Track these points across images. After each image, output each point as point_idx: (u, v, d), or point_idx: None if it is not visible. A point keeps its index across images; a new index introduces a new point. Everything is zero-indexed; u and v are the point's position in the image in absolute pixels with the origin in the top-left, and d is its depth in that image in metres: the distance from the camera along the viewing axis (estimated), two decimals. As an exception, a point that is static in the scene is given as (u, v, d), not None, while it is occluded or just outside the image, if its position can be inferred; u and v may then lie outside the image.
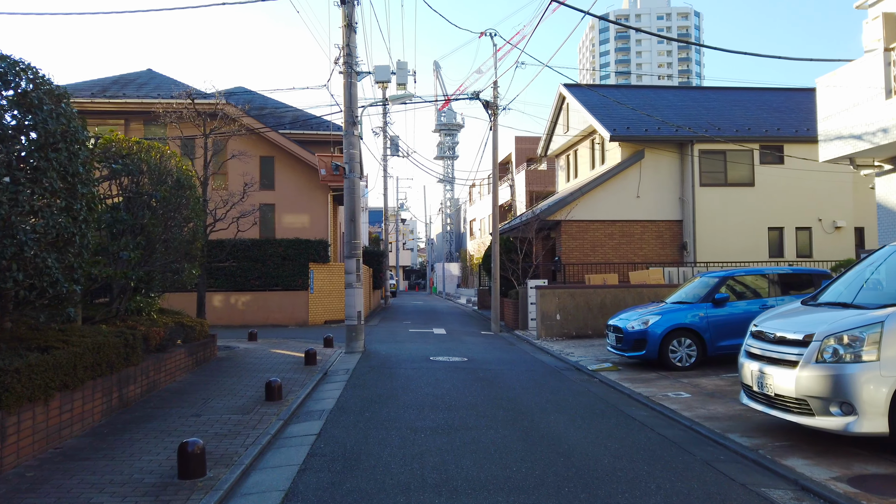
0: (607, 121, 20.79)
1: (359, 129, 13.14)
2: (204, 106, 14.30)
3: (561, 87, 24.57)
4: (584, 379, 10.17)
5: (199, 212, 10.04)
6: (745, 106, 23.38)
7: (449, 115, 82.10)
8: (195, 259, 10.21)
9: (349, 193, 13.09)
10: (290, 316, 19.78)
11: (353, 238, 13.07)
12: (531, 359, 12.51)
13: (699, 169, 20.25)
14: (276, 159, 21.47)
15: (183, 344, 10.38)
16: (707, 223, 20.11)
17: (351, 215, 13.06)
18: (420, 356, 12.34)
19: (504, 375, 10.20)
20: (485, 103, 17.64)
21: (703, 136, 20.10)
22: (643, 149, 20.40)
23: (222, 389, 8.71)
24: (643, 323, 10.58)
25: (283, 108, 25.60)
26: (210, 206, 13.26)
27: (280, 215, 21.43)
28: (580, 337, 15.89)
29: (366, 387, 9.00)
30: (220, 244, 19.02)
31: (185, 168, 9.70)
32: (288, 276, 19.74)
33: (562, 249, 20.29)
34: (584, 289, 16.25)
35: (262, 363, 11.25)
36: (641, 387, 9.19)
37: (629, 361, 11.35)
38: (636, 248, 20.49)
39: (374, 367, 10.79)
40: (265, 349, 13.18)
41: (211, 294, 19.40)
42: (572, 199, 20.06)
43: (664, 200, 20.59)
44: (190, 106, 13.52)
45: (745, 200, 20.41)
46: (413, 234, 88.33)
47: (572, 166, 25.40)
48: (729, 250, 20.07)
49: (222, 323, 19.43)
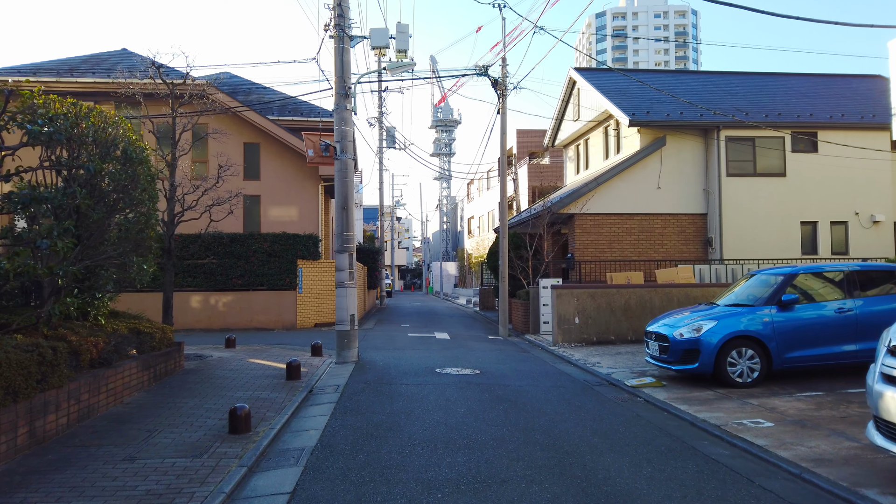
0: (625, 105, 19.02)
1: (352, 103, 11.29)
2: (181, 87, 12.46)
3: (571, 70, 22.77)
4: (625, 398, 8.36)
5: (152, 194, 8.17)
6: (770, 91, 21.64)
7: (446, 111, 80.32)
8: (148, 252, 8.34)
9: (341, 177, 11.25)
10: (277, 318, 17.90)
11: (345, 229, 11.23)
12: (553, 370, 10.69)
13: (726, 157, 18.49)
14: (261, 146, 19.58)
15: (137, 355, 8.53)
16: (734, 217, 18.35)
17: (343, 203, 11.22)
18: (423, 367, 10.51)
19: (528, 393, 8.38)
20: (493, 81, 15.81)
21: (729, 121, 18.34)
22: (664, 135, 18.63)
23: (178, 415, 6.85)
24: (695, 330, 8.77)
25: (272, 93, 23.71)
26: (179, 192, 11.39)
27: (266, 207, 19.54)
28: (602, 343, 14.10)
29: (359, 411, 7.16)
30: (198, 238, 17.16)
31: (135, 138, 7.83)
32: (274, 274, 17.86)
33: (575, 245, 18.49)
34: (606, 288, 14.45)
35: (235, 377, 9.39)
36: (703, 411, 7.38)
37: (673, 375, 9.54)
38: (656, 243, 18.71)
39: (370, 383, 8.94)
40: (243, 358, 11.32)
41: (188, 294, 17.54)
42: (587, 189, 18.26)
43: (687, 192, 18.82)
44: (162, 86, 11.66)
45: (775, 192, 18.66)
46: (409, 233, 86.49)
47: (582, 157, 23.61)
48: (758, 247, 18.32)
49: (201, 326, 17.55)
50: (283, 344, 14.00)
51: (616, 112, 18.89)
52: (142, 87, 12.97)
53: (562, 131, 24.70)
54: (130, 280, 8.02)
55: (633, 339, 14.19)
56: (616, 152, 20.51)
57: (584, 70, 23.24)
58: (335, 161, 11.25)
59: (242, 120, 19.23)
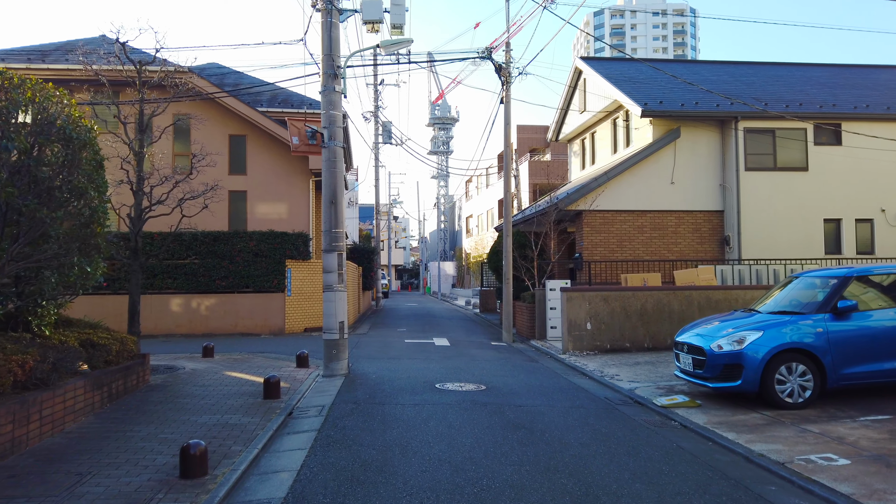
0: (636, 94, 17.81)
1: (341, 85, 10.07)
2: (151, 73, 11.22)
3: (577, 59, 21.56)
4: (658, 422, 7.15)
5: (100, 183, 6.93)
6: (787, 81, 20.47)
7: (443, 109, 79.13)
8: (95, 252, 7.09)
9: (329, 167, 10.02)
10: (263, 323, 16.66)
11: (333, 226, 10.01)
12: (567, 385, 9.48)
13: (744, 150, 17.29)
14: (248, 139, 18.34)
15: (89, 371, 7.31)
16: (753, 214, 17.15)
17: (331, 196, 9.99)
18: (422, 382, 9.29)
19: (544, 416, 7.17)
20: (497, 66, 14.58)
21: (748, 111, 17.15)
22: (678, 127, 17.43)
23: (123, 449, 5.64)
24: (736, 342, 7.57)
25: (260, 84, 22.45)
26: (147, 185, 10.15)
27: (253, 204, 18.30)
28: (616, 351, 12.90)
29: (345, 443, 5.94)
30: (179, 237, 15.95)
31: (79, 115, 6.59)
32: (260, 275, 16.62)
33: (583, 244, 17.29)
34: (620, 291, 13.25)
35: (206, 395, 8.17)
36: (756, 441, 6.18)
37: (708, 392, 8.34)
38: (670, 242, 17.52)
39: (360, 403, 7.72)
40: (218, 371, 10.09)
41: (167, 297, 16.31)
42: (596, 184, 17.05)
43: (703, 187, 17.63)
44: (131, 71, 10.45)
45: (796, 187, 17.47)
46: (406, 232, 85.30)
47: (588, 152, 22.40)
48: (778, 246, 17.14)
49: (182, 331, 16.32)
50: (267, 352, 12.78)
51: (627, 102, 17.69)
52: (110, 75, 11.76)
53: (566, 125, 23.49)
54: (71, 284, 6.75)
55: (650, 346, 13.00)
56: (626, 146, 19.31)
57: (591, 59, 22.04)
58: (322, 149, 10.03)
59: (227, 110, 18.01)
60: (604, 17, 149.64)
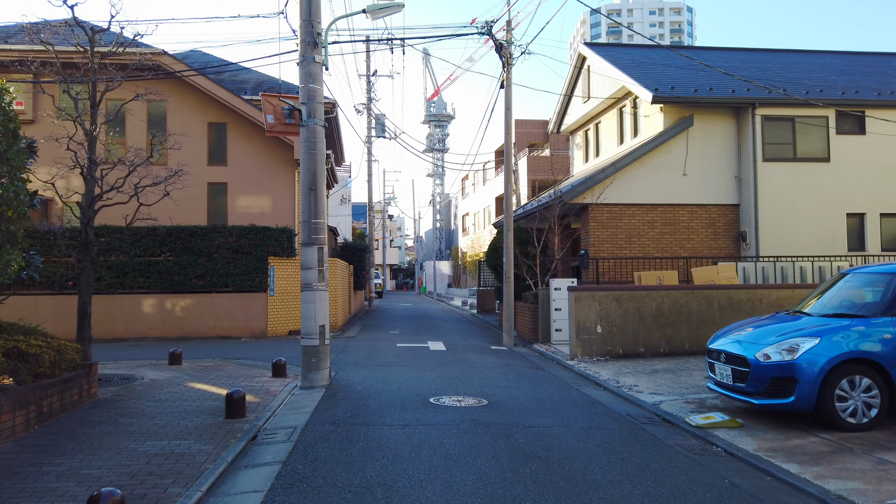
0: (646, 80, 16.63)
1: (322, 55, 8.83)
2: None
3: (582, 46, 20.38)
4: (697, 447, 5.94)
5: (17, 160, 5.65)
6: (804, 68, 19.32)
7: (439, 106, 77.96)
8: (14, 242, 5.83)
9: (308, 148, 8.78)
10: (244, 325, 15.40)
11: (313, 216, 8.77)
12: (581, 398, 8.26)
13: (762, 139, 16.11)
14: (228, 127, 17.07)
15: (14, 386, 6.07)
16: (771, 208, 15.98)
17: (311, 181, 8.75)
18: (414, 395, 8.07)
19: (560, 441, 5.95)
20: (497, 45, 13.36)
21: (766, 97, 15.98)
22: (691, 114, 16.24)
23: (28, 493, 4.39)
24: (787, 350, 6.36)
25: (245, 72, 21.19)
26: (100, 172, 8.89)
27: (234, 197, 17.03)
28: (629, 356, 11.70)
29: (314, 483, 4.70)
30: (152, 232, 14.71)
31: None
32: (241, 273, 15.36)
33: (589, 241, 16.09)
34: (633, 291, 12.05)
35: (158, 413, 6.92)
36: (827, 476, 4.97)
37: (747, 407, 7.13)
38: (682, 238, 16.33)
39: (339, 425, 6.48)
40: (182, 382, 8.84)
41: (139, 297, 15.03)
42: (604, 176, 15.85)
43: (717, 179, 16.45)
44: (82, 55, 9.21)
45: (818, 179, 16.31)
46: (401, 231, 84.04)
47: (592, 143, 21.20)
48: (799, 242, 15.97)
49: (155, 334, 15.05)
50: (243, 359, 11.53)
51: (636, 88, 16.49)
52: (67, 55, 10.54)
53: (569, 115, 22.29)
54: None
55: (666, 351, 11.81)
56: (633, 136, 18.12)
57: (597, 45, 20.86)
58: (300, 128, 8.79)
59: (207, 96, 16.74)
60: (600, 16, 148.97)
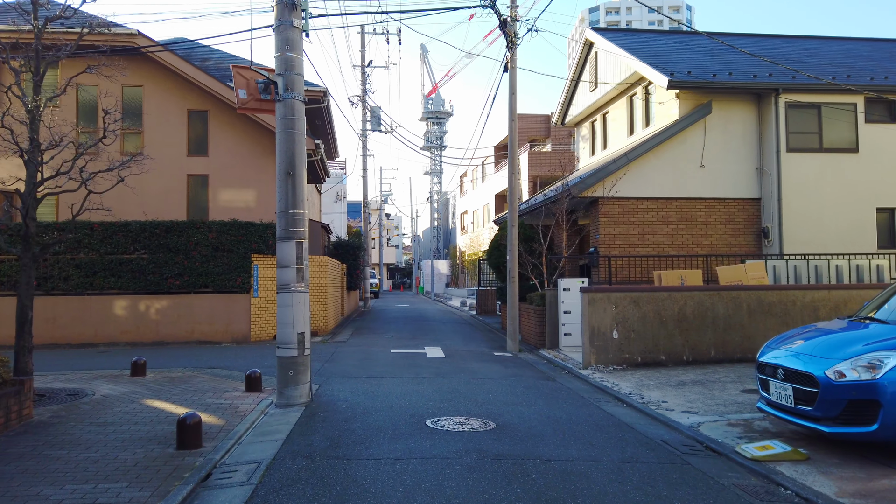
0: (660, 64, 15.43)
1: (302, 19, 7.61)
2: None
3: (588, 31, 19.17)
4: (760, 490, 4.74)
5: None
6: (826, 54, 18.13)
7: (437, 103, 76.80)
8: None
9: (285, 126, 7.56)
10: (225, 329, 14.16)
11: (290, 206, 7.55)
12: (604, 418, 7.06)
13: (786, 128, 14.93)
14: (210, 115, 15.84)
15: None
16: (796, 202, 14.79)
17: (288, 165, 7.53)
18: (407, 416, 6.85)
19: (589, 483, 4.74)
20: (502, 21, 12.14)
21: (790, 83, 14.81)
22: (709, 101, 15.04)
23: None
24: (867, 367, 5.17)
25: (231, 59, 19.95)
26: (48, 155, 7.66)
27: (216, 190, 15.79)
28: (649, 365, 10.51)
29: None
30: (125, 227, 13.51)
31: None
32: (222, 272, 14.12)
33: (599, 237, 14.89)
34: (653, 292, 10.85)
35: (97, 441, 5.71)
36: (952, 539, 3.77)
37: (811, 433, 5.92)
38: (699, 235, 15.14)
39: (315, 459, 5.27)
40: (138, 399, 7.62)
41: (110, 298, 13.81)
42: (615, 167, 14.65)
43: (737, 171, 15.25)
44: None
45: (845, 171, 15.12)
46: (398, 230, 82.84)
47: (599, 135, 20.00)
48: (825, 238, 14.79)
49: (127, 339, 13.82)
50: (218, 368, 10.31)
51: (649, 73, 15.29)
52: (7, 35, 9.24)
53: (574, 105, 21.07)
54: None
55: (689, 359, 10.62)
56: (644, 126, 16.92)
57: (605, 30, 19.67)
58: (276, 104, 7.57)
59: (186, 81, 15.51)
60: (598, 14, 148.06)
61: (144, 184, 15.46)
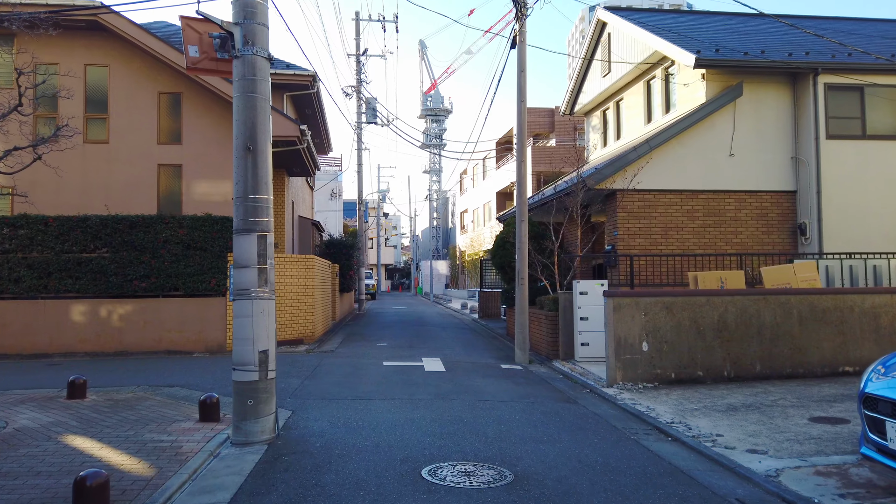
0: (684, 42, 13.89)
1: (267, -44, 6.04)
2: None
3: (601, 10, 17.62)
4: None
5: None
6: (863, 35, 16.57)
7: (436, 100, 75.28)
8: None
9: (244, 90, 6.00)
10: (197, 337, 12.58)
11: (251, 190, 5.99)
12: (651, 462, 5.50)
13: (825, 112, 13.38)
14: (183, 98, 14.26)
15: None
16: (837, 194, 13.25)
17: (248, 138, 5.98)
18: (398, 462, 5.29)
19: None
20: (511, -14, 10.60)
21: (831, 62, 13.29)
22: (740, 82, 13.50)
23: None
24: None
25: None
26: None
27: (190, 182, 14.21)
28: (685, 382, 8.95)
29: None
30: (83, 223, 11.97)
31: None
32: (194, 273, 12.55)
33: (618, 234, 13.33)
34: (689, 297, 9.29)
35: (-35, 508, 4.12)
36: None
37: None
38: (728, 231, 13.58)
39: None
40: (57, 434, 6.05)
41: (67, 303, 12.23)
42: (636, 156, 13.10)
43: (770, 161, 13.70)
44: None
45: (892, 161, 13.59)
46: (396, 230, 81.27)
47: (612, 124, 18.44)
48: (871, 235, 13.26)
49: (87, 349, 12.24)
50: (177, 387, 8.74)
51: (673, 51, 13.74)
52: None
53: (584, 93, 19.52)
54: None
55: (731, 375, 9.06)
56: (664, 112, 15.36)
57: (620, 9, 18.12)
58: (234, 62, 6.01)
59: (157, 60, 13.94)
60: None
61: (110, 174, 13.93)
